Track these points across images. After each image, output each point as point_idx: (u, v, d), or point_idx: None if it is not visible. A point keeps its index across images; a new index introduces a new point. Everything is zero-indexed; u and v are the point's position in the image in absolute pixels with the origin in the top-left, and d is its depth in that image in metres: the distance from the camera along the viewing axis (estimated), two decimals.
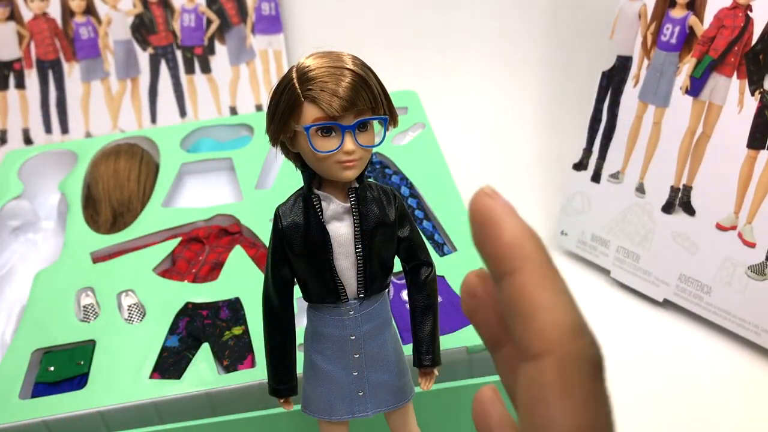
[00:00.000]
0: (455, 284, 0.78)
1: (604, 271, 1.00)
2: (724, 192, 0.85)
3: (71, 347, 0.77)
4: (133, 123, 1.28)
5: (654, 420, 0.79)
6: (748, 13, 0.81)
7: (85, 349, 0.76)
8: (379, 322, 0.55)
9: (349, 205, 0.51)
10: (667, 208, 0.91)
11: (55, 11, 1.25)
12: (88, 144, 1.06)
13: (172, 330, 0.78)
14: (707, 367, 0.85)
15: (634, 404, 0.81)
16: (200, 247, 0.89)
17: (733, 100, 0.83)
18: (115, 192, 0.97)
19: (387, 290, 0.56)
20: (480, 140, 1.30)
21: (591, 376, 0.23)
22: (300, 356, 0.57)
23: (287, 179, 0.95)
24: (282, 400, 0.57)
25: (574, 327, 0.23)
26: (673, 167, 0.90)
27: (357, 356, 0.54)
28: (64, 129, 1.27)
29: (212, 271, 0.86)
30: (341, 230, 0.51)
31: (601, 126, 0.97)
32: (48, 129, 1.27)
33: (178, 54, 1.28)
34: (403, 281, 0.64)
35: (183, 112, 1.28)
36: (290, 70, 0.48)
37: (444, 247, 0.85)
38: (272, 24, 1.29)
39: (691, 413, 0.79)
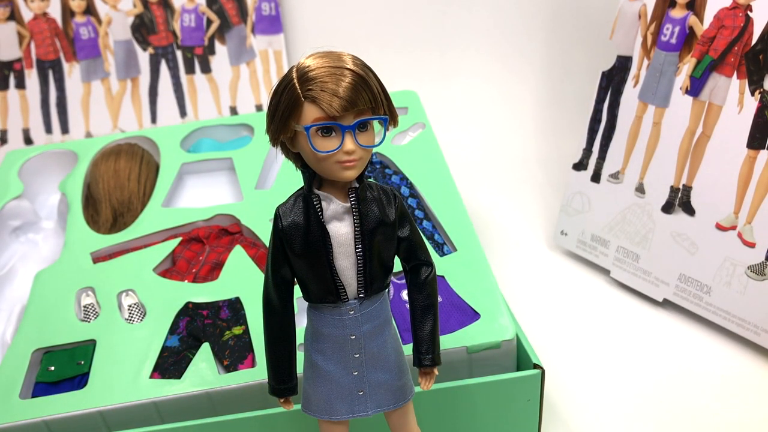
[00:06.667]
0: (455, 284, 0.78)
1: (604, 271, 1.00)
2: (724, 192, 0.85)
3: (71, 347, 0.77)
4: (133, 123, 1.28)
5: (654, 419, 0.79)
6: (748, 13, 0.81)
7: (86, 349, 0.76)
8: (379, 322, 0.55)
9: (349, 205, 0.51)
10: (667, 208, 0.91)
11: (55, 11, 1.25)
12: (89, 144, 1.06)
13: (173, 330, 0.78)
14: (707, 367, 0.85)
15: (635, 404, 0.81)
16: (200, 247, 0.89)
17: (733, 100, 0.83)
18: (115, 192, 0.97)
19: (387, 290, 0.56)
20: (480, 140, 1.30)
21: None
22: (300, 356, 0.57)
23: (287, 179, 0.95)
24: (282, 400, 0.57)
25: None
26: (672, 167, 0.90)
27: (357, 356, 0.54)
28: (65, 129, 1.27)
29: (212, 271, 0.86)
30: (341, 230, 0.51)
31: (601, 126, 0.97)
32: (48, 129, 1.27)
33: (179, 54, 1.28)
34: (403, 281, 0.64)
35: (183, 112, 1.29)
36: (290, 70, 0.48)
37: (444, 247, 0.85)
38: (272, 24, 1.29)
39: (691, 413, 0.80)
